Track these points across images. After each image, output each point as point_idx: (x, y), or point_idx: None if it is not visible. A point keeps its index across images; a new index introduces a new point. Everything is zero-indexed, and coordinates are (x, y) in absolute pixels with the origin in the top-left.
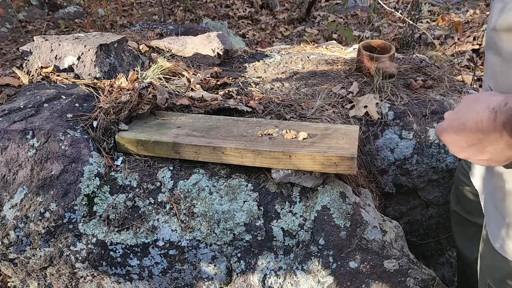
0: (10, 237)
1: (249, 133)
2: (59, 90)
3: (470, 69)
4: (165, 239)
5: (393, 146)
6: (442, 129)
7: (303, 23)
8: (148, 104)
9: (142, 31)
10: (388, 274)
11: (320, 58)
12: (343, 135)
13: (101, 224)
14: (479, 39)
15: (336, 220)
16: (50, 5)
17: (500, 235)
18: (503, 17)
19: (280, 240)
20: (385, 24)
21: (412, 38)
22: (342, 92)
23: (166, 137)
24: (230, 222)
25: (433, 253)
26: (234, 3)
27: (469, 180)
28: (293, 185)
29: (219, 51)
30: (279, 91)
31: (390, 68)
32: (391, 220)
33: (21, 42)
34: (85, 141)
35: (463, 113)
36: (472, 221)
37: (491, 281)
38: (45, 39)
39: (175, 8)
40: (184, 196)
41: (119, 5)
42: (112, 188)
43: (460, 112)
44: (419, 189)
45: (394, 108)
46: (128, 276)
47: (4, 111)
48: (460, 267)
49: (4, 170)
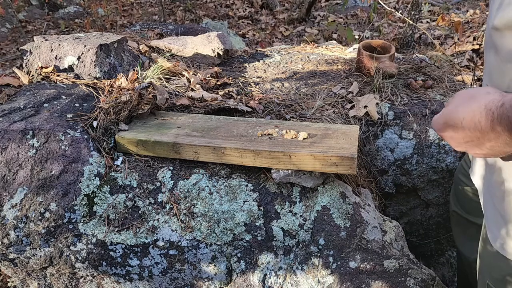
0: (10, 237)
1: (249, 133)
2: (59, 90)
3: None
4: (165, 239)
5: (393, 146)
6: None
7: (303, 23)
8: (148, 104)
9: (142, 31)
10: (388, 274)
11: (320, 58)
12: (343, 135)
13: (101, 224)
14: (479, 39)
15: (336, 220)
16: (50, 5)
17: (499, 235)
18: (501, 14)
19: (280, 240)
20: (385, 24)
21: (412, 38)
22: (342, 92)
23: (166, 137)
24: (230, 222)
25: (433, 253)
26: (234, 3)
27: (469, 180)
28: (293, 185)
29: (219, 51)
30: (279, 91)
31: (390, 68)
32: (391, 220)
33: (21, 42)
34: (85, 141)
35: (460, 111)
36: (472, 221)
37: (490, 281)
38: (45, 39)
39: (175, 8)
40: (184, 196)
41: (119, 5)
42: (112, 188)
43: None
44: (419, 189)
45: (394, 108)
46: (128, 276)
47: (4, 111)
48: (460, 267)
49: (4, 170)
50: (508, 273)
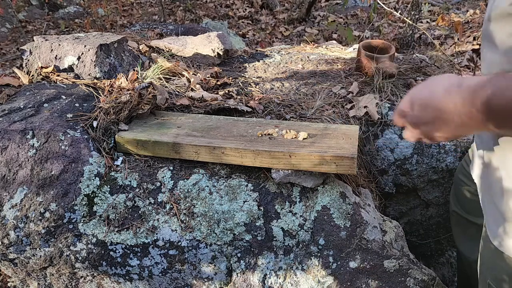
0: (10, 237)
1: (249, 133)
2: (59, 90)
3: (470, 69)
4: (165, 239)
5: (393, 146)
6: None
7: (303, 23)
8: (148, 104)
9: (142, 31)
10: (388, 274)
11: (320, 58)
12: (343, 135)
13: (101, 224)
14: (479, 39)
15: (336, 220)
16: (50, 5)
17: (499, 232)
18: (496, 4)
19: (280, 240)
20: (385, 24)
21: (412, 38)
22: (342, 92)
23: (166, 137)
24: (230, 222)
25: (433, 253)
26: (234, 3)
27: (469, 180)
28: (293, 185)
29: (219, 51)
30: (279, 91)
31: (390, 68)
32: (391, 220)
33: (21, 42)
34: (85, 141)
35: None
36: (472, 221)
37: (491, 280)
38: (45, 39)
39: (175, 8)
40: (184, 196)
41: (119, 5)
42: (112, 188)
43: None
44: (419, 189)
45: (394, 108)
46: (128, 276)
47: (4, 111)
48: (460, 267)
49: (4, 170)
50: (508, 272)
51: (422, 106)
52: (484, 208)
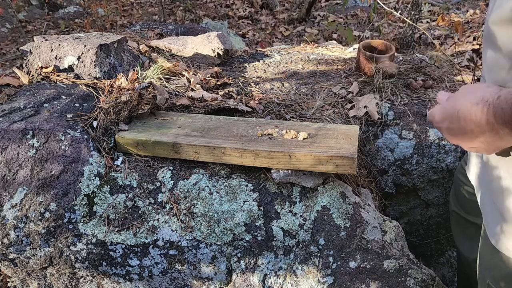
0: (10, 237)
1: (249, 133)
2: (59, 90)
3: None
4: (165, 239)
5: (393, 146)
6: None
7: (303, 23)
8: (148, 104)
9: (142, 31)
10: (388, 274)
11: (320, 58)
12: (343, 135)
13: (101, 224)
14: (479, 39)
15: (336, 220)
16: (50, 5)
17: (497, 231)
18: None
19: (280, 240)
20: (385, 24)
21: (412, 38)
22: (342, 92)
23: (166, 137)
24: (230, 222)
25: (433, 253)
26: (234, 3)
27: (468, 180)
28: (293, 185)
29: (219, 51)
30: (279, 91)
31: (390, 68)
32: (391, 220)
33: (21, 42)
34: (85, 141)
35: (458, 102)
36: (471, 221)
37: (490, 281)
38: (45, 39)
39: (175, 8)
40: (184, 196)
41: (119, 5)
42: (112, 188)
43: (455, 101)
44: (419, 189)
45: (394, 108)
46: (128, 276)
47: (4, 111)
48: (460, 267)
49: (4, 170)
50: (507, 271)
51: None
52: (483, 207)
